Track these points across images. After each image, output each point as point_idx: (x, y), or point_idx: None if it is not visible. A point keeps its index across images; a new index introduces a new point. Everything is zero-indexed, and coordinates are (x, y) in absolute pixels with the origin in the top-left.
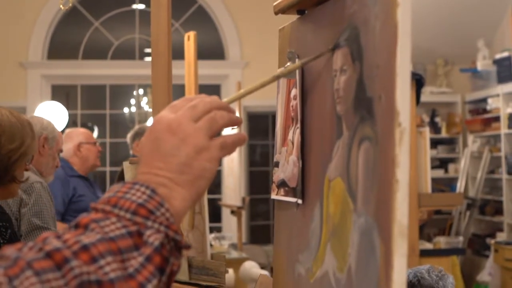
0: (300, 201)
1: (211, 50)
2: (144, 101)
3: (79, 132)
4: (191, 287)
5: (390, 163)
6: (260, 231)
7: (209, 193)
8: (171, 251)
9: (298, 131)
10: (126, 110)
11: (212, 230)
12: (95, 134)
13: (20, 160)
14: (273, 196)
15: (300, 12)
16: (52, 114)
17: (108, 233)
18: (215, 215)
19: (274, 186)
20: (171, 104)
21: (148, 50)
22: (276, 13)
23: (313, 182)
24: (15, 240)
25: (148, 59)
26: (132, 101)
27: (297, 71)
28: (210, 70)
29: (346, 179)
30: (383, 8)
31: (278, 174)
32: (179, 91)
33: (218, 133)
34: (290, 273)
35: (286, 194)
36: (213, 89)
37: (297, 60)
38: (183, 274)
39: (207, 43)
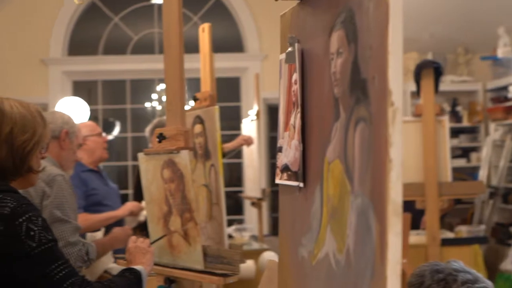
0: (301, 185)
1: (230, 43)
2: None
3: (83, 125)
4: (206, 276)
5: (384, 143)
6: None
7: (230, 185)
8: None
9: (299, 115)
10: (147, 104)
11: (234, 222)
12: (117, 129)
13: (34, 149)
14: (277, 180)
15: None
16: (73, 109)
17: None
18: (237, 207)
19: (278, 170)
20: None
21: None
22: (276, 0)
23: (313, 165)
24: (47, 226)
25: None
26: (154, 95)
27: (296, 56)
28: (229, 63)
29: (344, 160)
30: None
31: (282, 159)
32: (198, 84)
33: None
34: (294, 257)
35: (289, 178)
36: (232, 82)
37: (296, 45)
38: (198, 263)
39: (226, 36)
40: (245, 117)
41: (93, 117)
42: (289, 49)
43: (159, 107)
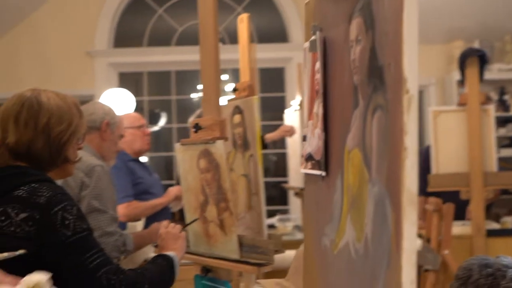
0: (324, 174)
1: (274, 33)
2: None
3: (124, 117)
4: (240, 265)
5: (399, 130)
6: None
7: (276, 175)
8: None
9: (321, 104)
10: (193, 95)
11: (277, 212)
12: (163, 120)
13: (70, 140)
14: (302, 169)
15: None
16: (119, 100)
17: None
18: (282, 197)
19: (302, 159)
20: None
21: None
22: None
23: (335, 154)
24: (82, 216)
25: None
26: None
27: (318, 44)
28: (272, 53)
29: (363, 149)
30: None
31: (306, 148)
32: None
33: None
34: (317, 246)
35: (312, 167)
36: (276, 72)
37: (318, 33)
38: (234, 253)
39: (269, 26)
40: (289, 107)
41: (139, 108)
42: (312, 37)
43: None
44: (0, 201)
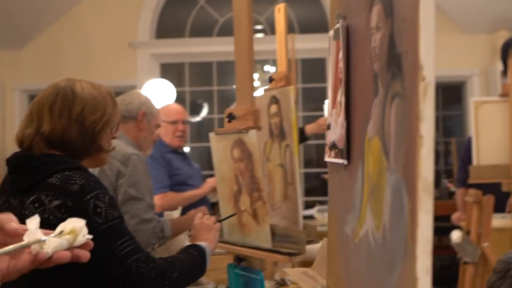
0: (346, 162)
1: (315, 24)
2: (255, 77)
3: (162, 109)
4: (272, 254)
5: (415, 118)
6: None
7: (317, 166)
8: None
9: (344, 92)
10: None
11: (317, 203)
12: (205, 111)
13: (103, 129)
14: (326, 158)
15: None
16: (160, 91)
17: None
18: (324, 188)
19: (326, 148)
20: None
21: (257, 27)
22: None
23: (357, 143)
24: (113, 204)
25: (258, 35)
26: None
27: (340, 32)
28: (313, 43)
29: (382, 137)
30: None
31: (330, 136)
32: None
33: None
34: (340, 234)
35: (336, 156)
36: (317, 63)
37: (341, 21)
38: (266, 242)
39: (310, 16)
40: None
41: (181, 99)
42: (336, 25)
43: None
44: (34, 188)
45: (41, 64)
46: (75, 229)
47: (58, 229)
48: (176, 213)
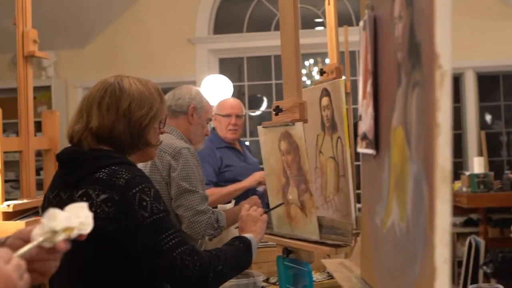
0: (375, 152)
1: None
2: (315, 71)
3: (217, 104)
4: (318, 246)
5: (432, 107)
6: None
7: None
8: None
9: (371, 82)
10: None
11: None
12: (264, 104)
13: (150, 124)
14: (358, 149)
15: None
16: (217, 86)
17: None
18: None
19: (358, 139)
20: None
21: (317, 20)
22: None
23: (384, 133)
24: (159, 197)
25: (318, 28)
26: (303, 71)
27: (367, 22)
28: None
29: (405, 127)
30: None
31: (361, 127)
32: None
33: None
34: (371, 225)
35: (366, 146)
36: None
37: (368, 11)
38: (313, 234)
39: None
40: None
41: (241, 93)
42: (366, 17)
43: (308, 82)
44: (82, 182)
45: (102, 62)
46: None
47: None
48: (229, 206)
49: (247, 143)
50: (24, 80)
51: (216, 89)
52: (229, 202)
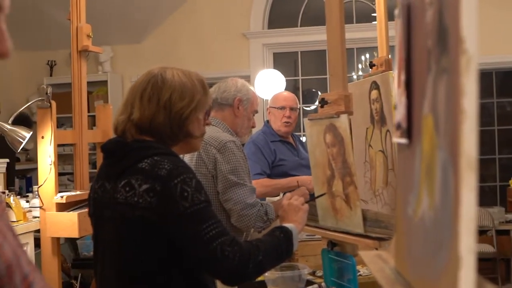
0: (407, 142)
1: None
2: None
3: (271, 97)
4: (361, 239)
5: (457, 93)
6: (487, 193)
7: None
8: None
9: (404, 70)
10: (353, 75)
11: None
12: None
13: (191, 116)
14: (393, 139)
15: None
16: (271, 81)
17: None
18: None
19: (394, 128)
20: None
21: (374, 14)
22: None
23: (416, 121)
24: (200, 188)
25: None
26: (359, 65)
27: (400, 9)
28: None
29: (434, 114)
30: None
31: (396, 116)
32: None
33: None
34: (404, 215)
35: (401, 136)
36: None
37: None
38: (358, 227)
39: None
40: None
41: (295, 88)
42: (399, 3)
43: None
44: (125, 173)
45: (158, 57)
46: None
47: None
48: (277, 198)
49: (303, 139)
50: (78, 74)
51: (270, 84)
52: (278, 195)
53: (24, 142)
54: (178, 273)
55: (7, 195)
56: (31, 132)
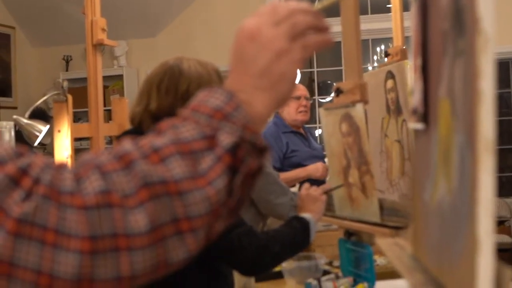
0: (424, 127)
1: None
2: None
3: None
4: (378, 228)
5: (474, 74)
6: (506, 183)
7: None
8: (248, 152)
9: (420, 54)
10: (368, 66)
11: None
12: None
13: None
14: (409, 124)
15: None
16: None
17: (181, 136)
18: None
19: (410, 114)
20: (256, 11)
21: (390, 6)
22: None
23: (432, 106)
24: None
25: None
26: (375, 57)
27: None
28: None
29: (451, 98)
30: None
31: (413, 102)
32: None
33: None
34: (421, 200)
35: (417, 121)
36: None
37: None
38: (374, 216)
39: None
40: None
41: (311, 79)
42: None
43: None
44: None
45: (173, 51)
46: None
47: None
48: (293, 190)
49: (319, 130)
50: (93, 67)
51: None
52: (294, 185)
53: (41, 136)
54: (195, 264)
55: None
56: (48, 125)
